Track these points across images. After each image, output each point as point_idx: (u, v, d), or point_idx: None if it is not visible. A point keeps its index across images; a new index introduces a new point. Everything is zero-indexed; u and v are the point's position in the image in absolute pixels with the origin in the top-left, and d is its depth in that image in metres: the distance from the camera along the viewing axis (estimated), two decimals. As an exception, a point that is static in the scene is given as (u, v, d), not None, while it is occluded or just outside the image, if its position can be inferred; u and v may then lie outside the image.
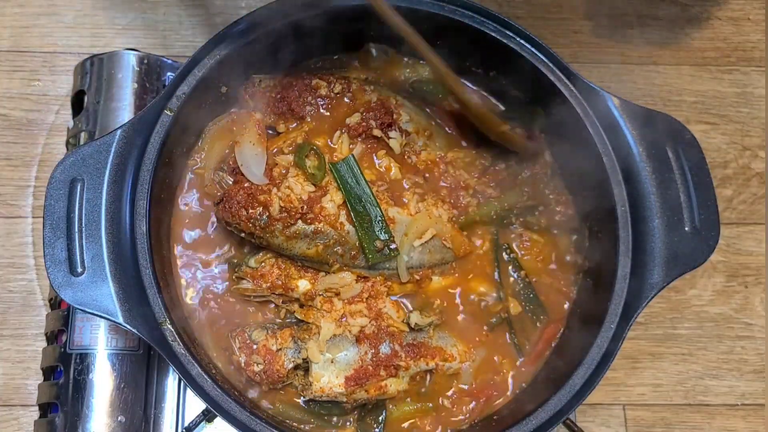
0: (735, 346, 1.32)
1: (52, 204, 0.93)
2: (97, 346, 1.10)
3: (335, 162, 1.05)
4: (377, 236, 1.02)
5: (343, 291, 1.04)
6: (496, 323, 1.08)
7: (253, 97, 1.11)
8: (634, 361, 1.29)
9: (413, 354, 1.02)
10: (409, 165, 1.10)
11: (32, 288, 1.26)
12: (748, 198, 1.39)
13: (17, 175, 1.31)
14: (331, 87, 1.11)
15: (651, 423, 1.27)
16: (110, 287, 0.92)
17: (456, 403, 1.06)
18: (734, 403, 1.29)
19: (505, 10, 1.43)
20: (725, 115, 1.43)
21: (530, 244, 1.12)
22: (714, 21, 1.49)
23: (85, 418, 1.07)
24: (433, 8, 1.07)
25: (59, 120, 1.33)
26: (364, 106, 1.10)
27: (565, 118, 1.08)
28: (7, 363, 1.22)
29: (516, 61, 1.09)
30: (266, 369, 1.00)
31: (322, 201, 1.02)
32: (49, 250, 0.91)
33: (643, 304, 0.98)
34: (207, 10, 1.42)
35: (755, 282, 1.34)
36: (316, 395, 1.00)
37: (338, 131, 1.08)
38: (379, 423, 1.04)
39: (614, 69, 1.44)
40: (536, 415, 0.96)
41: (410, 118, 1.12)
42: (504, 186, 1.14)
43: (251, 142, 1.05)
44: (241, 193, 1.01)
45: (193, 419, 1.01)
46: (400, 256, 1.03)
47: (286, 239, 1.02)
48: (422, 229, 1.05)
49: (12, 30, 1.38)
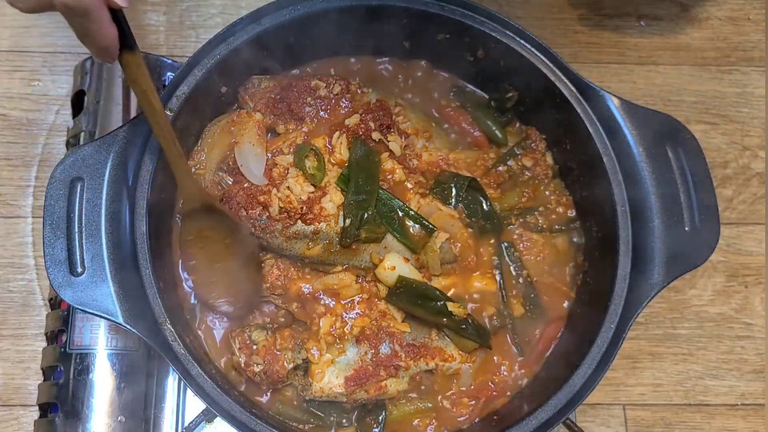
0: (735, 346, 1.32)
1: (52, 204, 0.93)
2: (97, 346, 1.10)
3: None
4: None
5: (343, 291, 1.04)
6: (498, 324, 1.08)
7: (253, 97, 1.11)
8: (634, 361, 1.29)
9: (413, 354, 1.02)
10: (411, 167, 1.10)
11: (32, 288, 1.26)
12: (748, 198, 1.39)
13: (17, 175, 1.31)
14: (330, 88, 1.11)
15: (651, 423, 1.27)
16: (110, 287, 0.92)
17: (456, 403, 1.06)
18: (734, 403, 1.29)
19: (505, 10, 1.43)
20: (725, 115, 1.43)
21: (530, 245, 1.12)
22: (714, 21, 1.49)
23: (85, 418, 1.07)
24: (433, 8, 1.08)
25: (59, 120, 1.33)
26: (363, 107, 1.10)
27: (565, 118, 1.08)
28: (7, 363, 1.22)
29: (516, 61, 1.09)
30: (266, 369, 1.00)
31: (321, 201, 1.02)
32: (49, 250, 0.91)
33: (643, 304, 0.98)
34: (207, 10, 1.42)
35: (755, 282, 1.34)
36: (316, 395, 1.00)
37: (337, 132, 1.08)
38: (379, 423, 1.04)
39: (614, 69, 1.44)
40: (536, 415, 0.96)
41: (409, 120, 1.12)
42: (505, 187, 1.14)
43: (251, 142, 1.05)
44: (240, 194, 1.01)
45: (193, 419, 1.01)
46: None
47: (286, 239, 1.02)
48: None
49: (12, 30, 1.38)
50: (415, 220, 1.04)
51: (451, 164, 1.12)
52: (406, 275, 1.02)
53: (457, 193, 1.09)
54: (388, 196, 1.04)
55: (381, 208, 1.03)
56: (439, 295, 1.01)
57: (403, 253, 1.04)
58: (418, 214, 1.04)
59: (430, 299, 1.01)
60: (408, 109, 1.14)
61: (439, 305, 1.01)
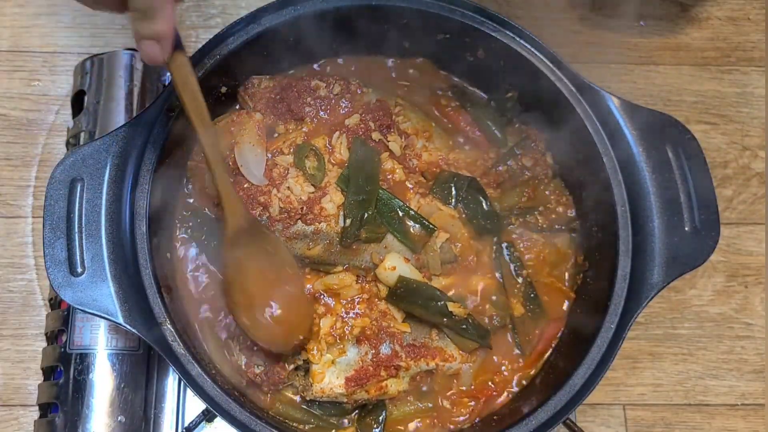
0: (735, 346, 1.32)
1: (52, 204, 0.93)
2: (97, 346, 1.10)
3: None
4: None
5: (343, 291, 1.04)
6: (498, 324, 1.08)
7: (253, 97, 1.11)
8: (634, 361, 1.29)
9: (413, 354, 1.02)
10: (411, 167, 1.10)
11: (32, 288, 1.26)
12: (748, 198, 1.39)
13: (17, 175, 1.31)
14: (330, 88, 1.11)
15: (651, 423, 1.27)
16: (110, 287, 0.92)
17: (456, 403, 1.06)
18: (734, 403, 1.29)
19: (505, 10, 1.43)
20: (725, 115, 1.43)
21: (530, 244, 1.12)
22: (714, 21, 1.49)
23: (85, 418, 1.07)
24: (433, 8, 1.08)
25: (59, 120, 1.33)
26: (363, 107, 1.10)
27: (565, 118, 1.08)
28: (7, 363, 1.22)
29: (516, 61, 1.09)
30: (267, 370, 1.00)
31: (321, 202, 1.02)
32: (49, 250, 0.91)
33: (643, 304, 0.98)
34: (207, 10, 1.42)
35: (755, 282, 1.34)
36: (317, 396, 1.00)
37: (337, 132, 1.08)
38: (379, 423, 1.03)
39: (614, 69, 1.44)
40: (536, 415, 0.96)
41: (409, 120, 1.12)
42: (505, 186, 1.14)
43: (251, 142, 1.05)
44: (240, 194, 1.01)
45: (193, 419, 1.01)
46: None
47: (286, 240, 1.02)
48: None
49: (12, 30, 1.38)
50: (415, 220, 1.04)
51: (451, 164, 1.12)
52: (406, 275, 1.02)
53: (457, 193, 1.09)
54: (388, 196, 1.04)
55: (381, 208, 1.03)
56: (440, 295, 1.01)
57: (404, 253, 1.04)
58: (418, 214, 1.04)
59: (430, 299, 1.01)
60: (408, 109, 1.14)
61: (440, 305, 1.01)
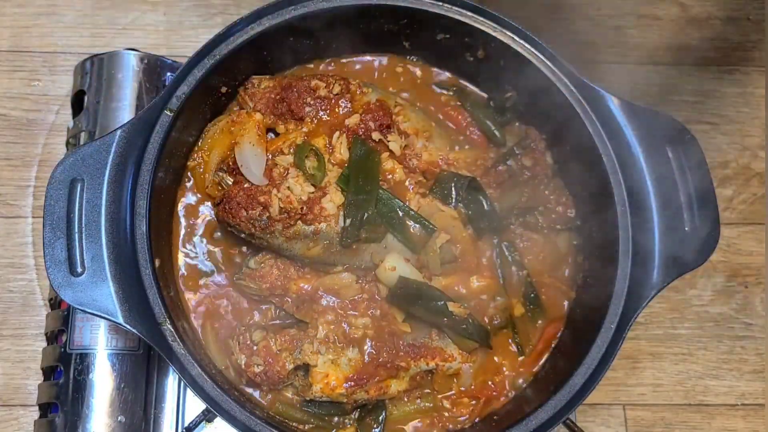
0: (735, 346, 1.32)
1: (52, 204, 0.93)
2: (97, 346, 1.10)
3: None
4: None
5: (343, 291, 1.04)
6: (499, 324, 1.08)
7: (253, 97, 1.11)
8: (634, 361, 1.29)
9: (413, 354, 1.02)
10: (411, 167, 1.10)
11: (32, 288, 1.26)
12: (748, 198, 1.39)
13: (17, 175, 1.31)
14: (330, 88, 1.11)
15: (651, 423, 1.27)
16: (110, 287, 0.92)
17: (456, 403, 1.06)
18: (734, 403, 1.29)
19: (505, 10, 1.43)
20: (725, 115, 1.43)
21: (530, 244, 1.12)
22: (714, 21, 1.49)
23: (85, 418, 1.07)
24: (432, 8, 1.08)
25: (59, 120, 1.34)
26: (363, 107, 1.10)
27: (564, 118, 1.08)
28: (7, 363, 1.22)
29: (515, 61, 1.09)
30: (267, 370, 1.00)
31: (321, 202, 1.02)
32: (49, 250, 0.91)
33: (643, 304, 0.98)
34: (207, 10, 1.42)
35: (755, 282, 1.35)
36: (317, 396, 1.00)
37: (337, 132, 1.08)
38: (379, 423, 1.04)
39: (614, 69, 1.44)
40: (536, 415, 0.96)
41: (409, 119, 1.12)
42: (505, 186, 1.14)
43: (251, 142, 1.05)
44: (240, 194, 1.01)
45: (193, 419, 1.01)
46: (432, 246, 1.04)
47: (286, 240, 1.02)
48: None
49: (12, 30, 1.38)
50: (415, 220, 1.04)
51: (451, 164, 1.12)
52: (406, 275, 1.02)
53: (457, 192, 1.09)
54: (388, 196, 1.04)
55: (381, 208, 1.03)
56: (440, 295, 1.01)
57: (404, 254, 1.04)
58: (418, 214, 1.04)
59: (430, 299, 1.01)
60: (408, 108, 1.14)
61: (440, 305, 1.01)
